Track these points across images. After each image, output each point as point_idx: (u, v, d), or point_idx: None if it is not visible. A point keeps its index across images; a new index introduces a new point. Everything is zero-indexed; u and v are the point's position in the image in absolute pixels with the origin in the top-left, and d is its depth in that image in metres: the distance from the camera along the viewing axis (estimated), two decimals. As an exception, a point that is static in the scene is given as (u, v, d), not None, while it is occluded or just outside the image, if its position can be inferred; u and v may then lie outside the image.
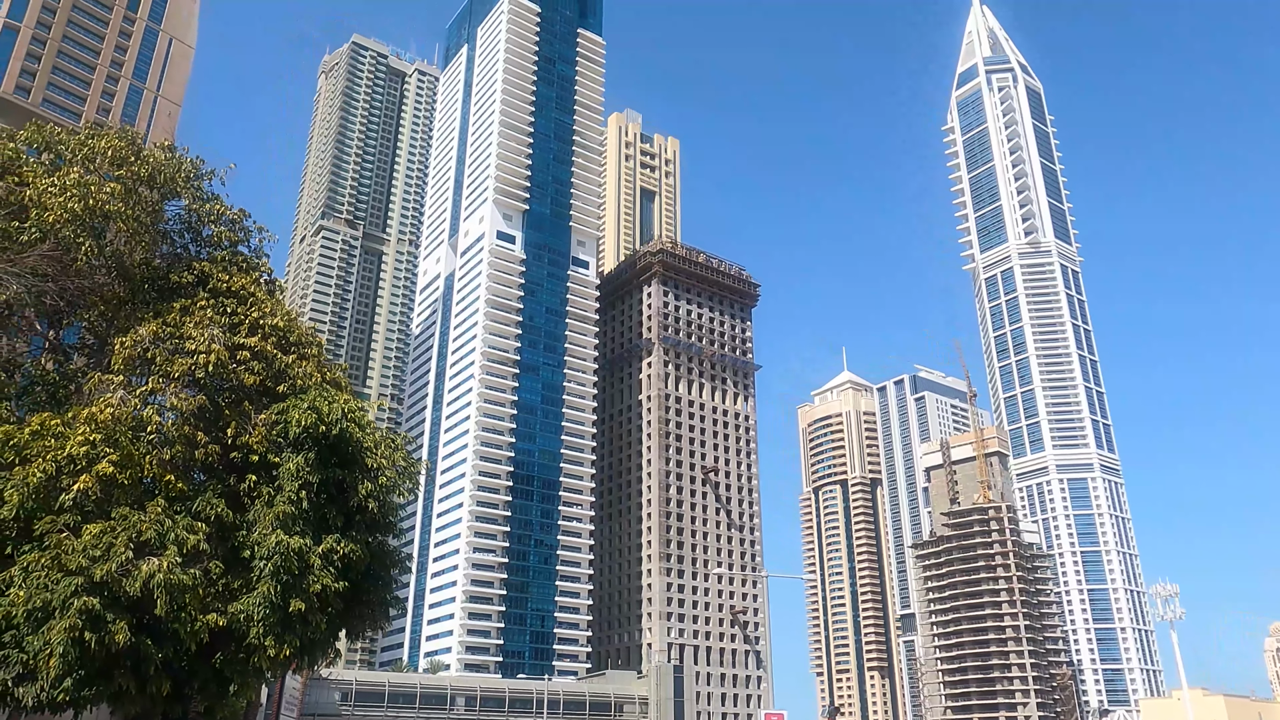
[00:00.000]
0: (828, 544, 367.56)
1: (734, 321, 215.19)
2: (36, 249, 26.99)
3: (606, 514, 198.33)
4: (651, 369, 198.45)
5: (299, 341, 30.94)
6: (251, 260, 32.68)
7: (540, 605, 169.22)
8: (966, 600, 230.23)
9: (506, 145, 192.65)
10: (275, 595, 24.91)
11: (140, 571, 22.77)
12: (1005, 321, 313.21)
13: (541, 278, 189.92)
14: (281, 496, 26.34)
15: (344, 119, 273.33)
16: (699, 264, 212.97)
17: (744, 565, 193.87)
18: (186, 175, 31.15)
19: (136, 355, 26.85)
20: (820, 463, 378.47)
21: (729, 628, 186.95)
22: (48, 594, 22.10)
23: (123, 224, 28.17)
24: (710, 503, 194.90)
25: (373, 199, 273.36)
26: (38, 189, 27.41)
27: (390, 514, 31.00)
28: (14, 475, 23.34)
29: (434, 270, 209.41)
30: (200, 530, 24.78)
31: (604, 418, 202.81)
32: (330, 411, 27.48)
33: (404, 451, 30.78)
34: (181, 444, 26.19)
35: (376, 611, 31.19)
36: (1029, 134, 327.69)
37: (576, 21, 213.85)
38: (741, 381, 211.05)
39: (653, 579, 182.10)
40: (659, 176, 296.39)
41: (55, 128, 31.86)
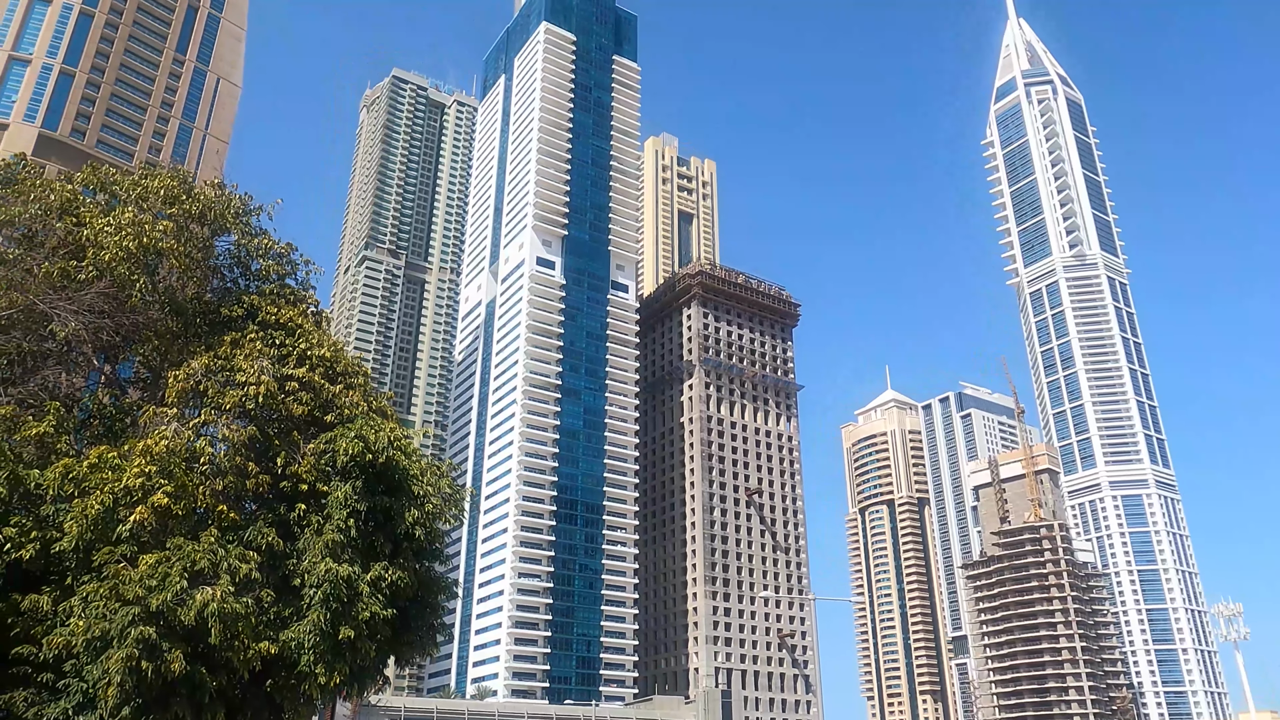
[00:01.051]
0: (875, 565, 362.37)
1: (775, 342, 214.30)
2: (94, 287, 27.77)
3: (650, 537, 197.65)
4: (693, 391, 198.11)
5: (345, 371, 31.37)
6: (299, 292, 33.27)
7: (586, 630, 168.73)
8: (1020, 621, 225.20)
9: (545, 172, 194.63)
10: (325, 623, 25.13)
11: (195, 601, 23.11)
12: (1052, 336, 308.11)
13: (581, 302, 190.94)
14: (330, 525, 26.63)
15: (385, 151, 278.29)
16: (738, 285, 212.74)
17: (790, 588, 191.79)
18: (236, 211, 31.88)
19: (189, 388, 27.43)
20: (866, 483, 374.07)
21: (777, 651, 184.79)
22: (106, 623, 22.50)
23: (175, 260, 28.91)
24: (754, 525, 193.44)
25: (414, 228, 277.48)
26: (94, 229, 28.24)
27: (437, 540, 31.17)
28: (74, 507, 23.89)
29: (475, 297, 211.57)
30: (252, 559, 25.11)
31: (646, 441, 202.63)
32: (377, 440, 27.78)
33: (449, 478, 30.99)
34: (233, 474, 26.66)
35: (424, 638, 31.29)
36: (1070, 146, 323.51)
37: (611, 49, 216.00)
38: (783, 402, 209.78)
39: (698, 602, 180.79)
40: (696, 199, 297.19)
41: (110, 169, 32.86)
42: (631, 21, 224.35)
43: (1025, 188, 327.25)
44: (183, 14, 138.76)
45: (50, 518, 24.29)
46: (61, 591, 23.84)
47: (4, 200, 28.78)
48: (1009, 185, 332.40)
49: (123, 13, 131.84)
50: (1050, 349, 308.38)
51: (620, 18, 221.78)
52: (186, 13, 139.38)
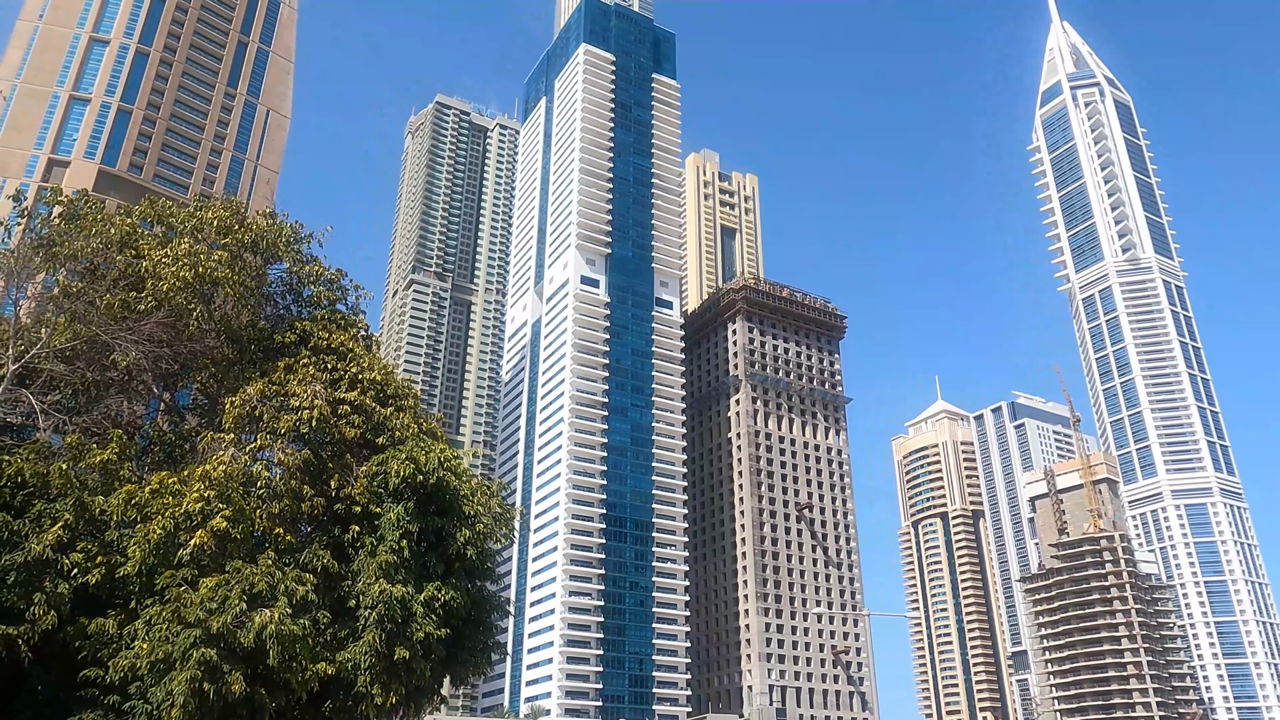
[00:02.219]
0: (930, 579, 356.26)
1: (821, 355, 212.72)
2: (153, 317, 28.55)
3: (700, 554, 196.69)
4: (740, 406, 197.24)
5: (396, 394, 31.82)
6: (349, 317, 33.88)
7: (638, 648, 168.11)
8: (1082, 635, 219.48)
9: (587, 191, 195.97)
10: (380, 643, 25.41)
11: (253, 623, 23.49)
12: (1107, 342, 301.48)
13: (626, 320, 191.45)
14: (383, 546, 26.97)
15: (431, 175, 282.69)
16: (783, 299, 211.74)
17: (844, 603, 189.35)
18: (287, 240, 32.63)
19: (245, 414, 28.03)
20: (918, 495, 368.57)
21: (831, 668, 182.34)
22: (169, 646, 22.96)
23: (230, 289, 29.62)
24: (805, 540, 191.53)
25: (460, 251, 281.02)
26: (153, 260, 29.07)
27: (488, 560, 31.39)
28: (136, 532, 24.50)
29: (521, 317, 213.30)
30: (308, 581, 25.48)
31: (694, 456, 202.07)
32: (427, 461, 28.11)
33: (499, 498, 31.22)
34: (289, 498, 27.14)
35: (478, 657, 31.45)
36: (1120, 148, 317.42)
37: (651, 67, 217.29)
38: (832, 415, 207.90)
39: (751, 619, 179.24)
40: (739, 213, 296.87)
41: (167, 201, 33.84)
42: (670, 40, 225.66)
43: (1074, 192, 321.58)
44: (233, 49, 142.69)
45: (115, 543, 24.93)
46: (126, 615, 24.41)
47: (68, 235, 29.75)
48: (1057, 190, 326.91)
49: (176, 50, 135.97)
50: (1105, 355, 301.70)
51: (658, 36, 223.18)
52: (236, 48, 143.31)
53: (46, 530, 23.97)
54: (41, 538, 23.73)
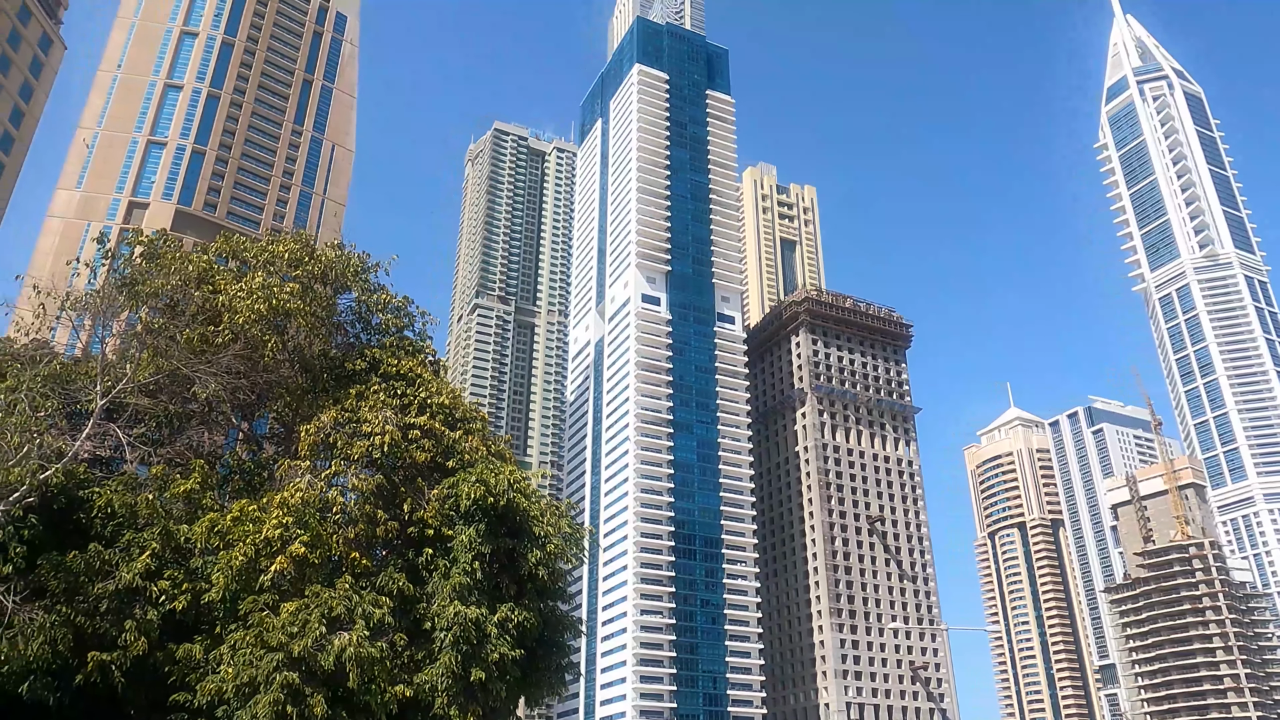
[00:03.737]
0: (1010, 592, 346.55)
1: (888, 365, 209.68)
2: (230, 349, 29.51)
3: (771, 570, 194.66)
4: (806, 419, 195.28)
5: (464, 417, 32.29)
6: (416, 343, 34.55)
7: (711, 666, 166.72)
8: (1174, 647, 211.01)
9: (645, 209, 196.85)
10: (457, 665, 25.67)
11: (333, 646, 23.95)
12: (1187, 342, 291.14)
13: (688, 336, 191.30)
14: (457, 568, 27.29)
15: (491, 201, 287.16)
16: (846, 309, 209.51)
17: (920, 618, 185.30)
18: (355, 269, 33.48)
19: (319, 441, 28.73)
20: (993, 505, 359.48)
21: (910, 685, 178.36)
22: (253, 670, 23.53)
23: (302, 320, 30.47)
24: (879, 554, 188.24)
25: (522, 274, 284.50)
26: (228, 295, 30.07)
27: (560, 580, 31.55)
28: (220, 559, 25.24)
29: (584, 337, 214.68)
30: (385, 604, 25.90)
31: (761, 471, 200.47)
32: (497, 483, 28.40)
33: (569, 518, 31.38)
34: (364, 522, 27.70)
35: (553, 677, 31.57)
36: (1192, 141, 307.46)
37: (704, 83, 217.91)
38: (901, 426, 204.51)
39: (825, 635, 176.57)
40: (798, 225, 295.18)
41: (240, 237, 35.02)
42: (722, 56, 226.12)
43: (1146, 189, 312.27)
44: (298, 88, 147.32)
45: (199, 570, 25.71)
46: (212, 640, 25.12)
47: (149, 274, 30.94)
48: (1127, 187, 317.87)
49: (245, 91, 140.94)
50: (1186, 356, 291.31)
51: (711, 53, 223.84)
52: (302, 86, 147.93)
53: (136, 559, 24.83)
54: (131, 566, 24.59)
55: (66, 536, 25.56)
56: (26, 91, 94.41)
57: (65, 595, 23.90)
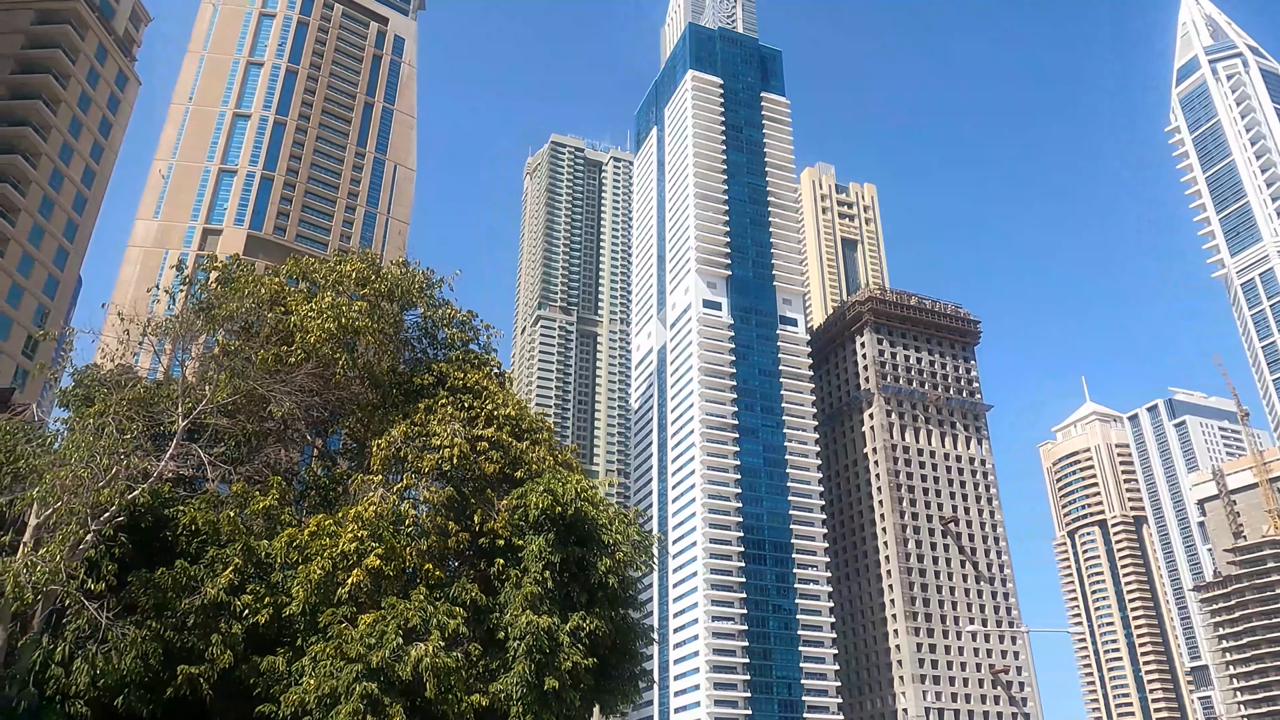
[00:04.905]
0: (1092, 592, 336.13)
1: (956, 362, 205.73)
2: (303, 368, 30.33)
3: (843, 573, 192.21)
4: (874, 420, 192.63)
5: (530, 428, 32.66)
6: (482, 356, 35.07)
7: (785, 672, 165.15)
8: (1271, 647, 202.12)
9: (703, 214, 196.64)
10: (530, 674, 25.92)
11: (410, 656, 24.40)
12: (1273, 328, 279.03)
13: (751, 340, 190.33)
14: (528, 578, 27.57)
15: (550, 213, 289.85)
16: (911, 307, 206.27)
17: (999, 620, 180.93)
18: (420, 286, 34.17)
19: (391, 455, 29.34)
20: (1072, 503, 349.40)
21: (990, 689, 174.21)
22: (334, 681, 24.08)
23: (371, 337, 31.19)
24: (953, 555, 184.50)
25: (583, 284, 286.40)
26: (300, 315, 30.92)
27: (630, 588, 31.63)
28: (299, 573, 25.91)
29: (646, 345, 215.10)
30: (458, 614, 26.29)
31: (829, 474, 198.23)
32: (565, 492, 28.64)
33: (637, 526, 31.46)
34: (436, 534, 28.18)
35: (627, 685, 31.65)
36: (1271, 120, 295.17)
37: (759, 86, 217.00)
38: (972, 424, 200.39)
39: (901, 639, 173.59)
40: (859, 224, 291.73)
41: (310, 259, 36.00)
42: (776, 57, 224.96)
43: (1222, 171, 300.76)
44: (360, 111, 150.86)
45: (280, 584, 26.42)
46: (294, 652, 25.77)
47: (224, 298, 31.98)
48: (1202, 171, 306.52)
49: (309, 117, 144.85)
50: (1272, 342, 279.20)
51: (765, 55, 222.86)
52: (363, 109, 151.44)
53: (219, 575, 25.64)
54: (215, 582, 25.39)
55: (154, 554, 26.52)
56: (105, 127, 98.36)
57: (155, 611, 24.76)
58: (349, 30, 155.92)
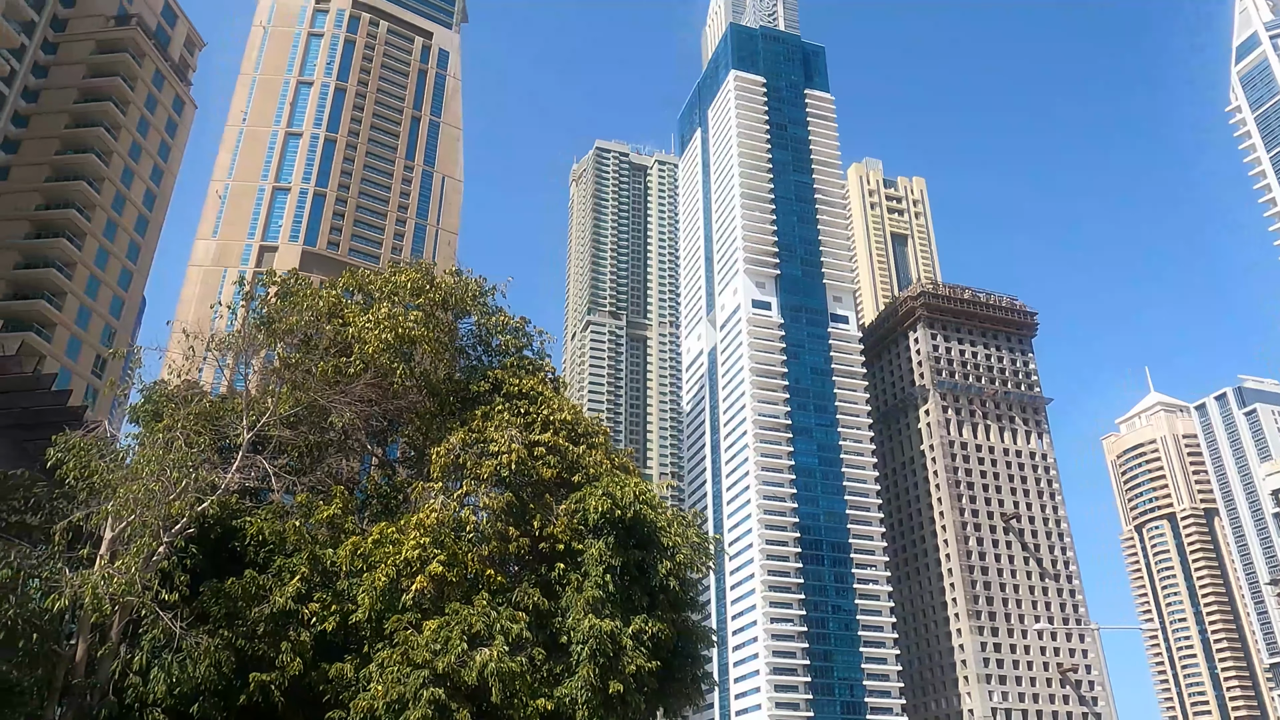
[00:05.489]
0: (1163, 587, 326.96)
1: (1013, 356, 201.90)
2: (361, 379, 30.78)
3: (903, 573, 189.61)
4: (930, 416, 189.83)
5: (586, 432, 32.74)
6: (536, 362, 35.28)
7: (847, 674, 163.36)
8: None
9: (749, 215, 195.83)
10: (594, 678, 25.93)
11: (475, 662, 24.57)
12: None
13: (802, 339, 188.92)
14: (589, 582, 27.62)
15: (597, 218, 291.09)
16: (965, 301, 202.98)
17: (1065, 618, 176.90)
18: (473, 294, 34.52)
19: (450, 462, 29.62)
20: (1138, 497, 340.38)
21: (1059, 688, 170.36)
22: (401, 687, 24.36)
23: (427, 346, 31.58)
24: (1016, 552, 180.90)
25: (631, 288, 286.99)
26: (357, 326, 31.41)
27: (691, 590, 31.54)
28: (364, 581, 26.27)
29: (696, 347, 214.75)
30: (521, 619, 26.42)
31: (885, 473, 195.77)
32: (623, 496, 28.64)
33: (696, 528, 31.37)
34: (496, 539, 28.37)
35: (690, 688, 31.54)
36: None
37: (802, 84, 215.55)
38: (1032, 418, 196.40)
39: (964, 639, 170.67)
40: (909, 218, 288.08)
41: (365, 271, 36.56)
42: (819, 54, 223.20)
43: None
44: (408, 125, 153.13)
45: (345, 591, 26.81)
46: (361, 659, 26.13)
47: (283, 312, 32.62)
48: (1266, 150, 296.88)
49: (358, 133, 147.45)
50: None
51: (807, 52, 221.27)
52: (410, 123, 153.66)
53: (287, 583, 26.10)
54: (283, 590, 25.85)
55: (223, 564, 27.11)
56: (164, 150, 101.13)
57: (226, 620, 25.31)
58: (394, 46, 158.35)
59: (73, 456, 25.35)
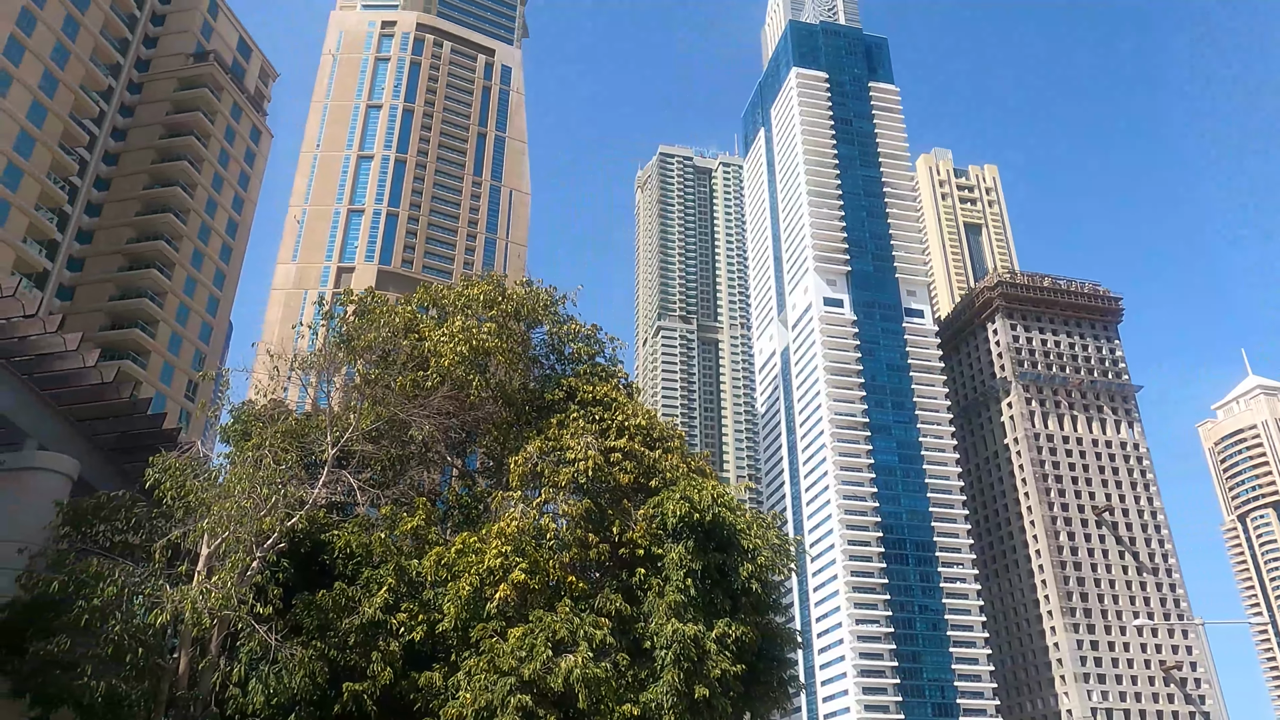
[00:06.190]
0: (1270, 578, 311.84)
1: (1098, 343, 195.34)
2: (439, 392, 31.35)
3: (990, 571, 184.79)
4: (1013, 409, 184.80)
5: (661, 436, 32.74)
6: (608, 368, 35.44)
7: (937, 675, 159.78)
8: None
9: (817, 212, 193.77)
10: (679, 682, 25.85)
11: (560, 668, 24.73)
12: None
13: (876, 335, 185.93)
14: (670, 586, 27.56)
15: (663, 224, 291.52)
16: (1045, 289, 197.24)
17: (1167, 613, 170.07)
18: (544, 304, 34.87)
19: (528, 471, 29.94)
20: (1240, 485, 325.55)
21: (1163, 687, 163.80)
22: (489, 694, 24.65)
23: (501, 357, 31.99)
24: (1110, 546, 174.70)
25: (701, 291, 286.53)
26: (433, 340, 32.02)
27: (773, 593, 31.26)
28: (449, 590, 26.69)
29: (769, 348, 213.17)
30: (604, 625, 26.50)
31: (968, 468, 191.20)
32: (701, 499, 28.54)
33: (776, 529, 31.08)
34: (576, 546, 28.54)
35: (776, 691, 31.24)
36: None
37: (865, 77, 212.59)
38: (1121, 407, 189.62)
39: (1059, 637, 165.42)
40: (981, 207, 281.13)
41: (438, 286, 37.26)
42: (882, 45, 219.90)
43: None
44: (474, 142, 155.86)
45: (431, 601, 27.27)
46: (449, 667, 26.53)
47: (361, 329, 33.42)
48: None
49: (427, 152, 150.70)
50: None
51: (870, 44, 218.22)
52: (477, 140, 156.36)
53: (375, 594, 26.68)
54: (372, 601, 26.44)
55: (313, 577, 27.85)
56: (243, 180, 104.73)
57: (318, 631, 25.97)
58: (458, 65, 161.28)
59: (169, 477, 26.37)
